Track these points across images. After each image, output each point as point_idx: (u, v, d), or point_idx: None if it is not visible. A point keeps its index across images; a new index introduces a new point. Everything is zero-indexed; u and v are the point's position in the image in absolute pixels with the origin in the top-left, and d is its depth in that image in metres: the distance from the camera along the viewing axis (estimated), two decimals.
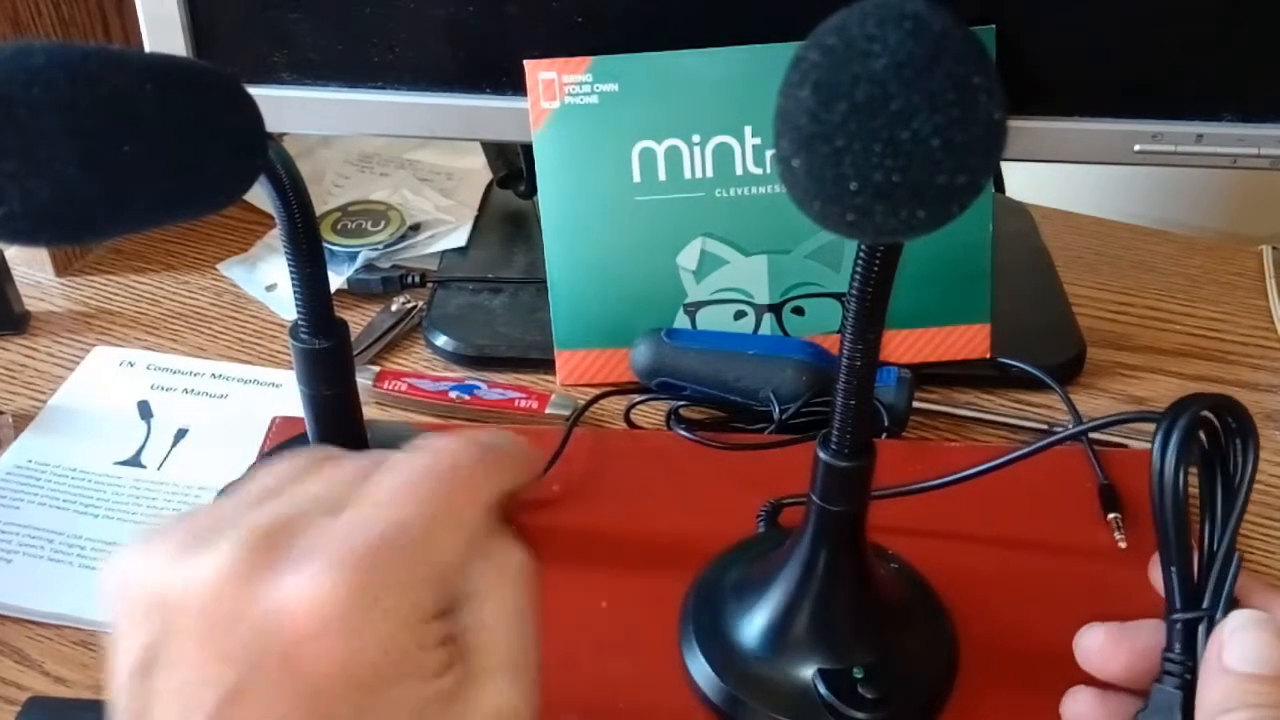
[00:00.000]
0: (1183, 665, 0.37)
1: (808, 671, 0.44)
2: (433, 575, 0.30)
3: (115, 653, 0.30)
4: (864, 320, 0.37)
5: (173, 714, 0.28)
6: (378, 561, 0.29)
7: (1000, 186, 0.83)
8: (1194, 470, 0.60)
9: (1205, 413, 0.38)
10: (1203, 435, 0.39)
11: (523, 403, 0.65)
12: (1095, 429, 0.56)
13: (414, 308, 0.73)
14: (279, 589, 0.28)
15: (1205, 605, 0.37)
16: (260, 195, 0.43)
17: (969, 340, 0.67)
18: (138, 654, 0.29)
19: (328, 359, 0.48)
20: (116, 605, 0.30)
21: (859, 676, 0.44)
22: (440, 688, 0.30)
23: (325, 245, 0.53)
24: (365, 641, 0.28)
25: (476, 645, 0.31)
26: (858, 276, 0.36)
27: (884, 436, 0.62)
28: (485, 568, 0.32)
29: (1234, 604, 0.37)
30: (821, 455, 0.42)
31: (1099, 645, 0.41)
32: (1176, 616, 0.38)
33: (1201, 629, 0.37)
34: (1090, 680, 0.42)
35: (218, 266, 0.79)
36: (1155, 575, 0.40)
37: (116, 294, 0.76)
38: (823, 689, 0.44)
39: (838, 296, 0.66)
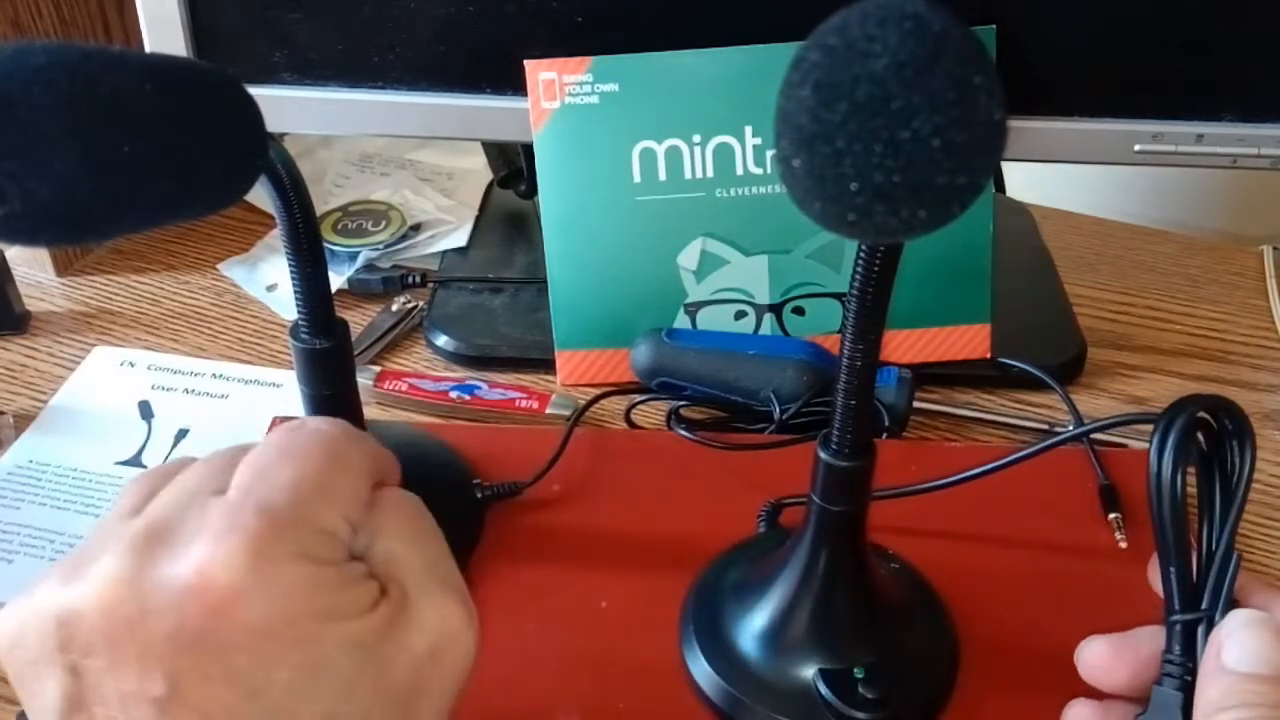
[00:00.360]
0: (1182, 666, 0.37)
1: (808, 671, 0.44)
2: (326, 520, 0.30)
3: (32, 712, 0.29)
4: (864, 320, 0.37)
5: None
6: (267, 517, 0.29)
7: (1000, 186, 0.83)
8: (1192, 471, 0.60)
9: (1202, 414, 0.38)
10: (1200, 436, 0.39)
11: (523, 403, 0.65)
12: (1096, 430, 0.56)
13: (415, 308, 0.73)
14: (175, 570, 0.28)
15: (1204, 606, 0.37)
16: (261, 195, 0.43)
17: (969, 340, 0.67)
18: (58, 701, 0.28)
19: (328, 359, 0.48)
20: (16, 661, 0.29)
21: (860, 676, 0.44)
22: (378, 619, 0.30)
23: (326, 245, 0.53)
24: (279, 589, 0.28)
25: (397, 572, 0.31)
26: (858, 277, 0.36)
27: (884, 436, 0.62)
28: (381, 509, 0.32)
29: (1233, 604, 0.37)
30: (822, 455, 0.42)
31: (1102, 658, 0.41)
32: (1176, 618, 0.38)
33: (1201, 630, 0.37)
34: (1089, 691, 0.42)
35: (218, 266, 0.79)
36: (1154, 577, 0.40)
37: (117, 294, 0.76)
38: (823, 689, 0.44)
39: (838, 296, 0.66)
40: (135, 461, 0.62)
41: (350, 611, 0.29)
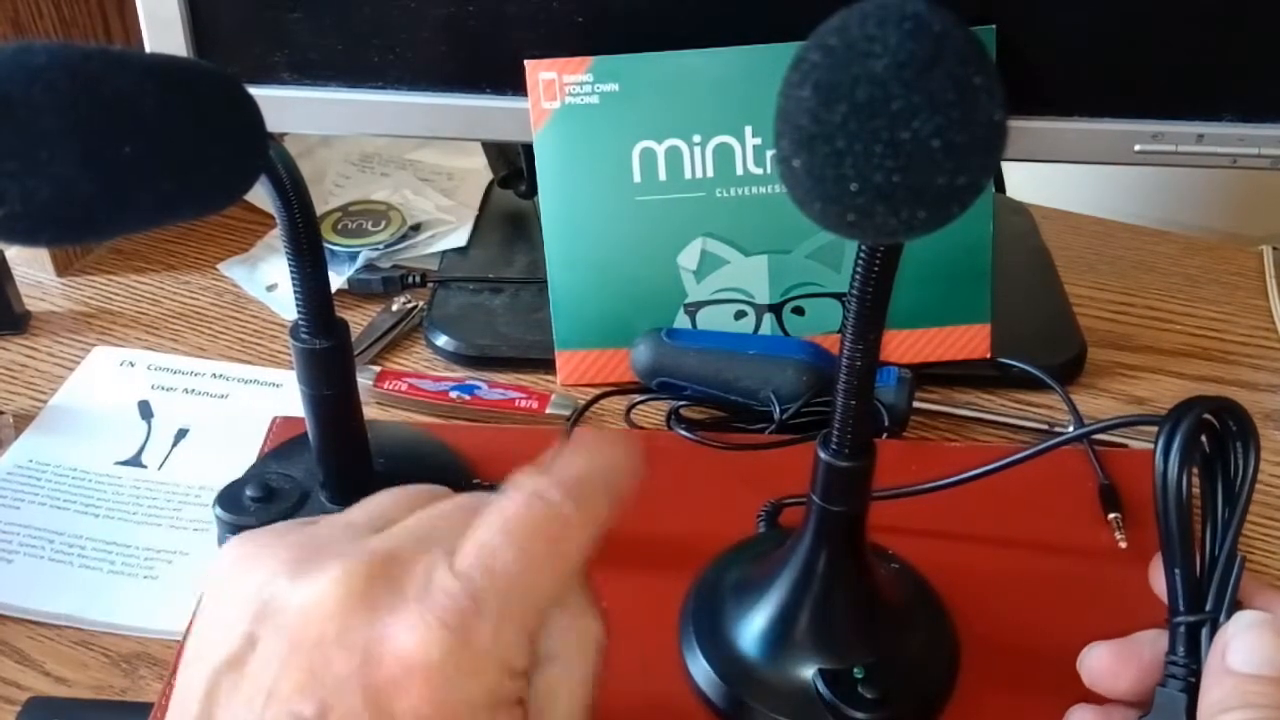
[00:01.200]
0: (1186, 668, 0.37)
1: (808, 671, 0.44)
2: (523, 638, 0.30)
3: (202, 642, 0.30)
4: (864, 321, 0.37)
5: (246, 713, 0.28)
6: (479, 622, 0.29)
7: (1000, 186, 0.83)
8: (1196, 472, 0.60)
9: (1206, 415, 0.38)
10: (1204, 438, 0.39)
11: (523, 403, 0.65)
12: (1097, 431, 0.56)
13: (414, 308, 0.73)
14: (384, 628, 0.28)
15: (1209, 608, 0.37)
16: (261, 195, 0.43)
17: (969, 340, 0.67)
18: (235, 644, 0.29)
19: (328, 359, 0.48)
20: (220, 594, 0.31)
21: (859, 676, 0.44)
22: None
23: (326, 245, 0.53)
24: (451, 697, 0.28)
25: (541, 711, 0.31)
26: (858, 277, 0.36)
27: (884, 436, 0.62)
28: (565, 632, 0.32)
29: (1238, 606, 0.37)
30: (822, 455, 0.42)
31: (1105, 665, 0.41)
32: (1180, 619, 0.38)
33: (1205, 631, 0.37)
34: (1089, 694, 0.42)
35: (218, 266, 0.79)
36: (1155, 580, 0.40)
37: (117, 294, 0.76)
38: (823, 689, 0.44)
39: (838, 296, 0.66)
40: (135, 461, 0.62)
41: None
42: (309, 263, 0.45)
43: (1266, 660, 0.35)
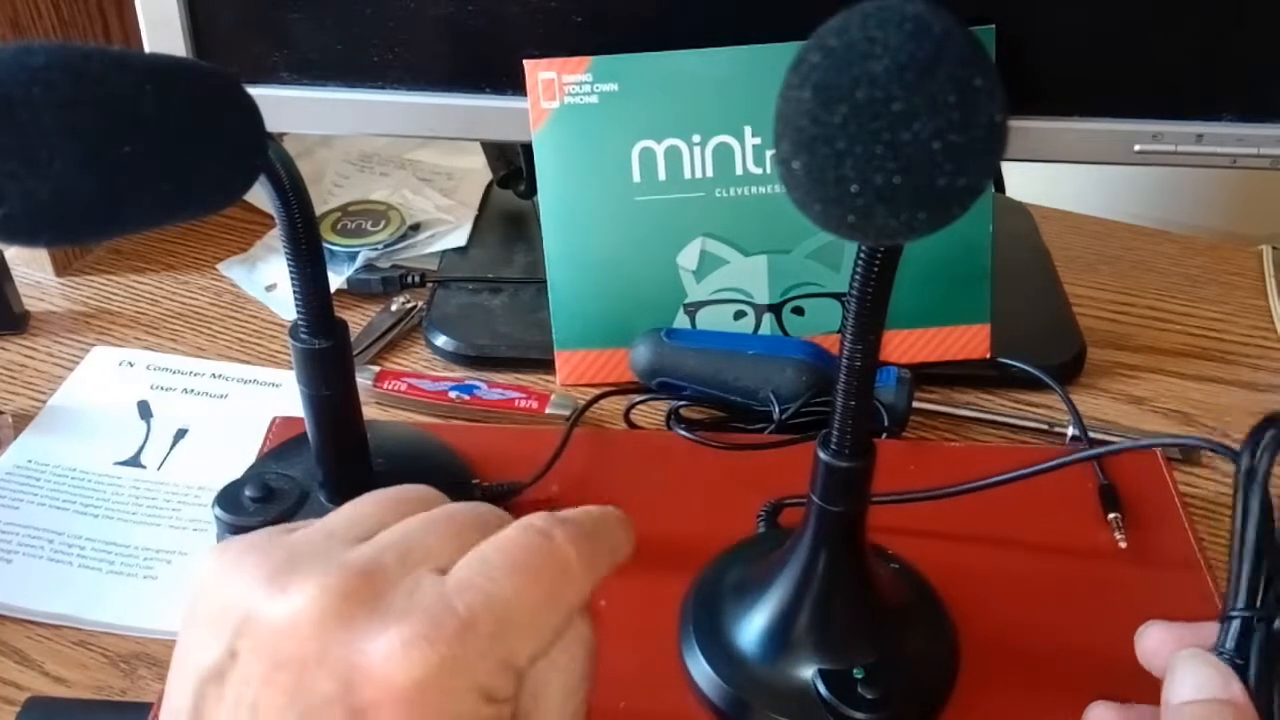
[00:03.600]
0: (1232, 662, 0.38)
1: (808, 672, 0.44)
2: (518, 655, 0.30)
3: (187, 649, 0.30)
4: (864, 321, 0.37)
5: None
6: (468, 642, 0.28)
7: (1000, 186, 0.83)
8: (1191, 471, 0.60)
9: None
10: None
11: (523, 403, 0.65)
12: (1111, 451, 0.56)
13: (414, 308, 0.73)
14: (366, 644, 0.28)
15: (1259, 605, 0.38)
16: (260, 195, 0.43)
17: (969, 340, 0.67)
18: (215, 658, 0.29)
19: (328, 359, 0.48)
20: (201, 603, 0.30)
21: (859, 677, 0.44)
22: None
23: (325, 245, 0.53)
24: (440, 715, 0.28)
25: (529, 714, 0.31)
26: (858, 277, 0.36)
27: (884, 436, 0.62)
28: (565, 646, 0.31)
29: None
30: (821, 456, 0.42)
31: (1156, 645, 0.41)
32: (1235, 613, 0.38)
33: (1259, 628, 0.38)
34: (1103, 693, 0.42)
35: (218, 266, 0.79)
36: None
37: (116, 294, 0.76)
38: (823, 689, 0.44)
39: (838, 296, 0.66)
40: (134, 461, 0.62)
41: None
42: (308, 263, 0.45)
43: (1200, 686, 0.36)
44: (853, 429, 0.40)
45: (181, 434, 0.64)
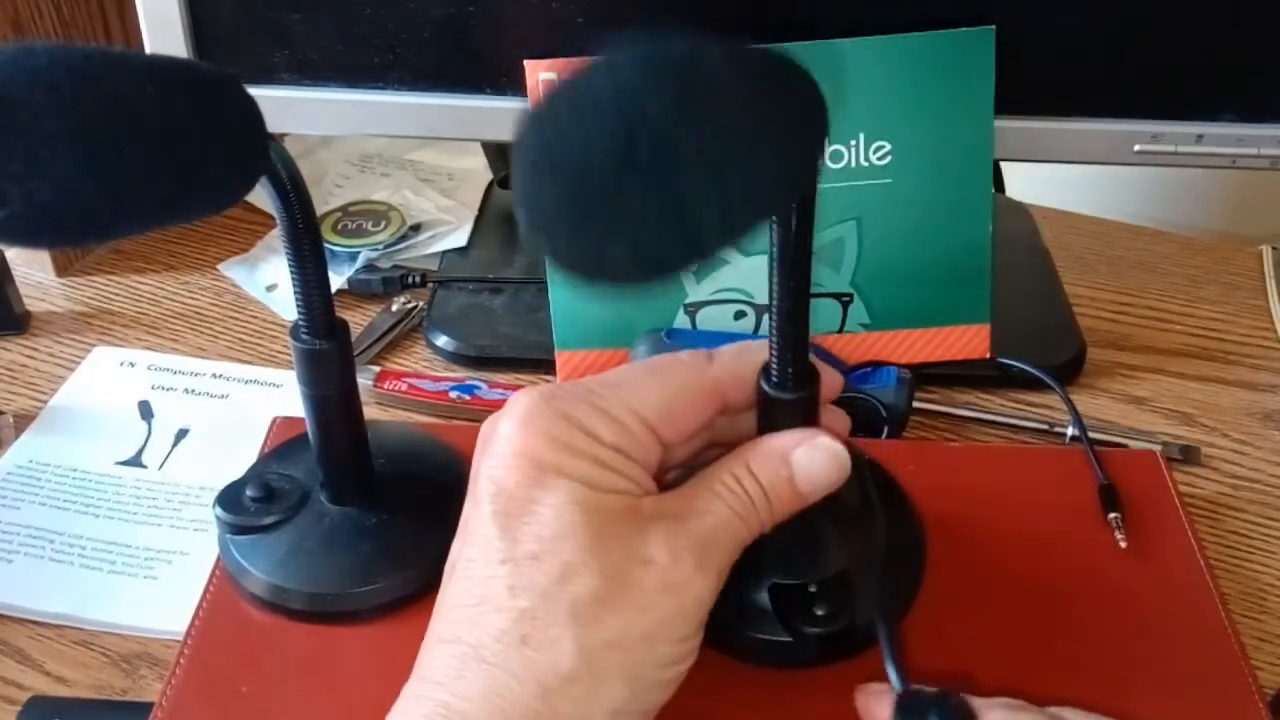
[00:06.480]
0: None
1: (766, 585, 0.45)
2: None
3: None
4: (788, 270, 0.39)
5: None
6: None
7: (1000, 186, 0.83)
8: (1191, 471, 0.60)
9: None
10: None
11: None
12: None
13: (414, 308, 0.73)
14: None
15: None
16: (261, 196, 0.43)
17: (969, 340, 0.67)
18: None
19: (328, 359, 0.48)
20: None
21: (812, 591, 0.44)
22: None
23: (326, 245, 0.53)
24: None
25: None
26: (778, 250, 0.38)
27: (884, 436, 0.62)
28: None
29: None
30: (764, 387, 0.42)
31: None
32: None
33: None
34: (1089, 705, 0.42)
35: (218, 267, 0.79)
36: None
37: (117, 294, 0.76)
38: (775, 603, 0.44)
39: (837, 296, 0.66)
40: (135, 461, 0.62)
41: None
42: (309, 263, 0.45)
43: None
44: (793, 359, 0.41)
45: (182, 434, 0.64)
